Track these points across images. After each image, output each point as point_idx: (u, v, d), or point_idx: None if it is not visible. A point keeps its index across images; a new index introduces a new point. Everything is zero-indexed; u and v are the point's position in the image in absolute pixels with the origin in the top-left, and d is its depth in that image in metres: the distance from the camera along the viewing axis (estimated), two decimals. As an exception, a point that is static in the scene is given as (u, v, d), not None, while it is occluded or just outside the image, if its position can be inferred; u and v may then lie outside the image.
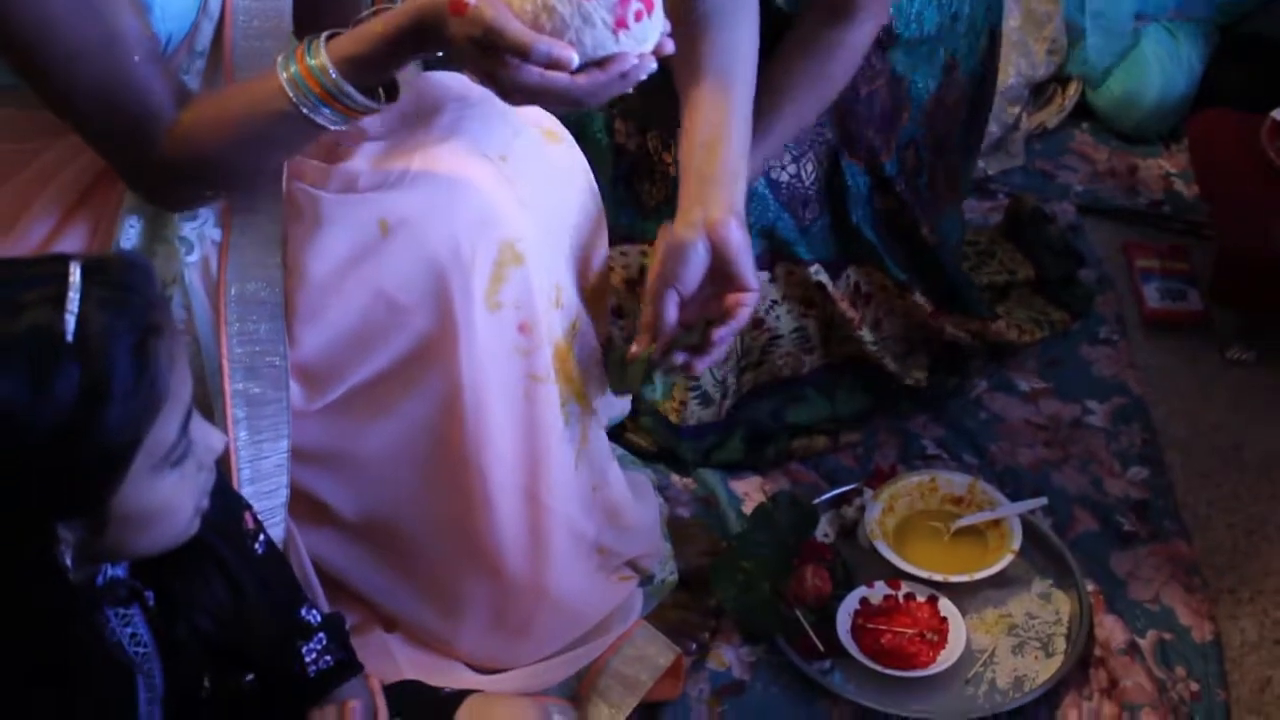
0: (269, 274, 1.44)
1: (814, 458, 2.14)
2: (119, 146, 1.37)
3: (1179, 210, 2.69)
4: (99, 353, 1.05)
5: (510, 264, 1.45)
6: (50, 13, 1.28)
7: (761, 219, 1.95)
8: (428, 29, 1.28)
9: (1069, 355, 2.33)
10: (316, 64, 1.31)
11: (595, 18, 1.26)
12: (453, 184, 1.45)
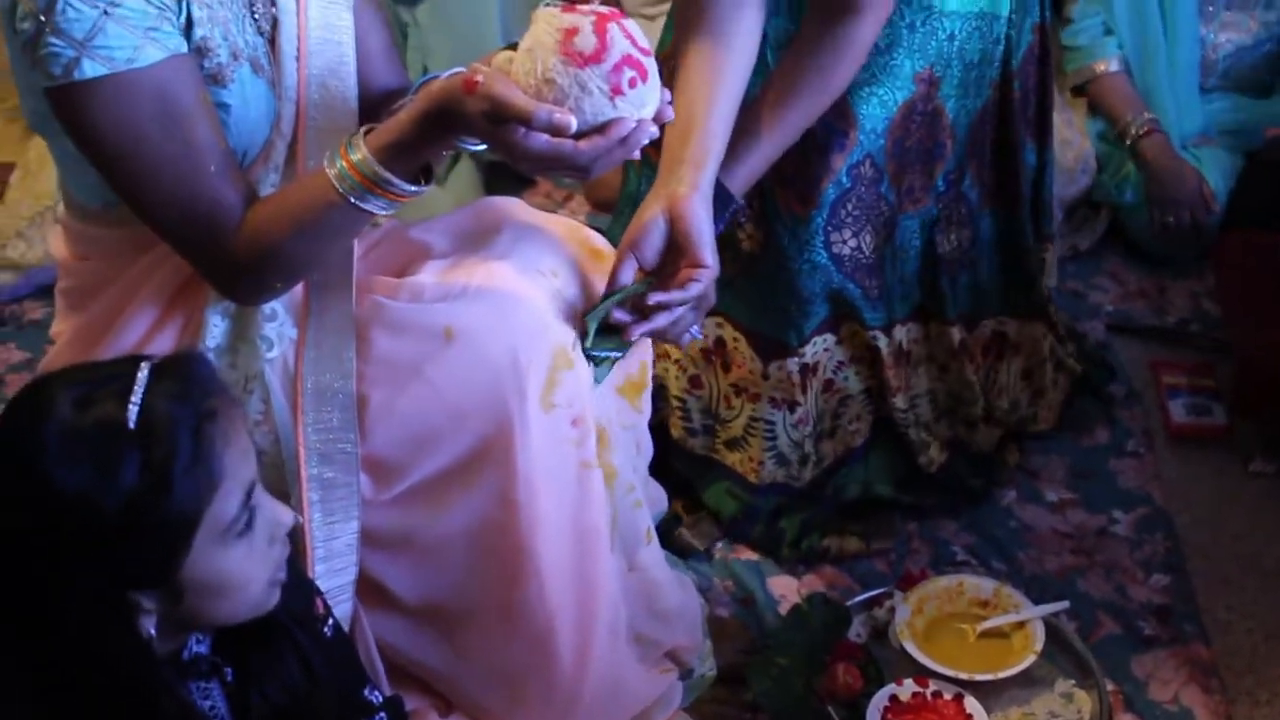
0: (342, 367, 1.58)
1: (848, 561, 2.23)
2: (196, 247, 1.52)
3: (1206, 328, 2.78)
4: (159, 439, 1.19)
5: (563, 368, 1.58)
6: (137, 129, 1.44)
7: (827, 285, 2.07)
8: (447, 109, 1.42)
9: (1097, 467, 2.42)
10: (358, 157, 1.46)
11: (591, 86, 1.39)
12: (510, 297, 1.59)
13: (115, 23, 1.40)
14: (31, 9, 1.39)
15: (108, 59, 1.41)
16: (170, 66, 1.45)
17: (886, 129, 2.03)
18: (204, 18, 1.50)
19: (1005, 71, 2.12)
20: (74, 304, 1.69)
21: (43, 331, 2.76)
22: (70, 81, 1.41)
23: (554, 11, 1.42)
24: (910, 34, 2.00)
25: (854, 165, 2.03)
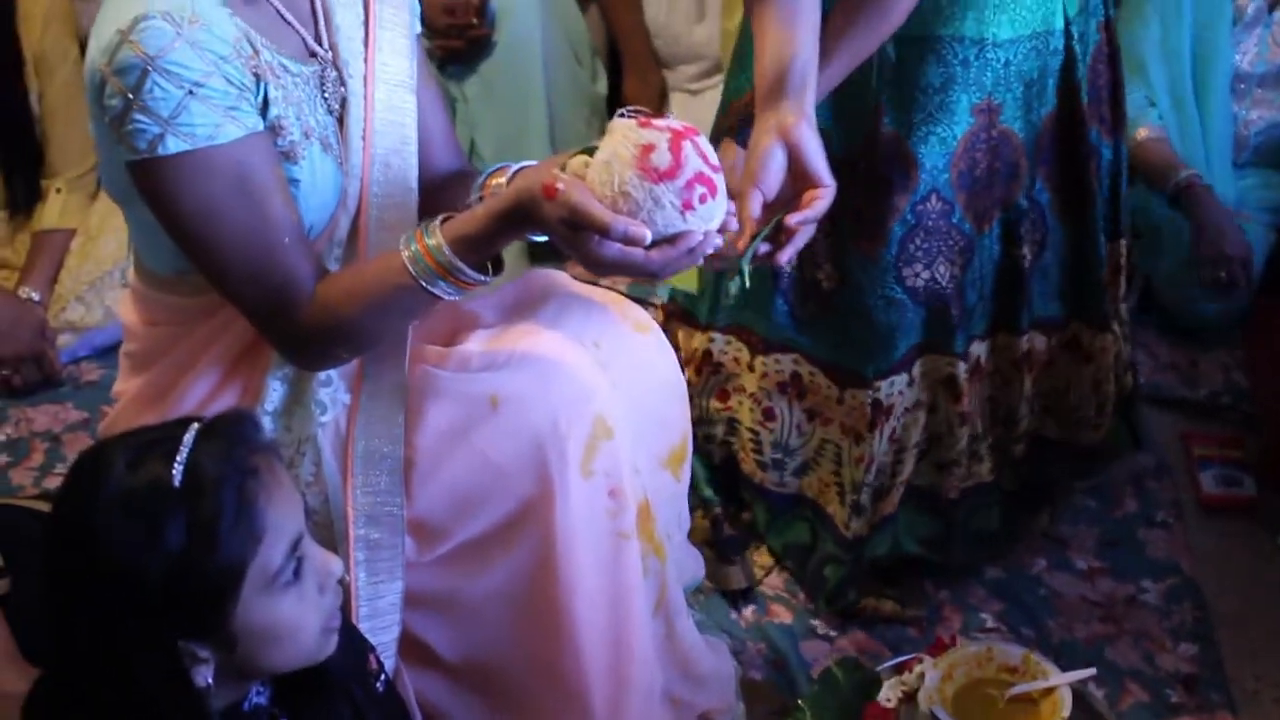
0: (392, 433, 1.65)
1: (882, 623, 2.27)
2: (267, 315, 1.60)
3: (1237, 401, 2.81)
4: (203, 497, 1.26)
5: (602, 437, 1.64)
6: (216, 202, 1.52)
7: (903, 317, 2.11)
8: (525, 210, 1.49)
9: (1126, 537, 2.45)
10: (433, 243, 1.53)
11: (665, 201, 1.45)
12: (554, 366, 1.66)
13: (199, 102, 1.48)
14: (120, 87, 1.47)
15: (190, 135, 1.49)
16: (248, 143, 1.53)
17: (949, 163, 2.06)
18: (279, 98, 1.58)
19: (1068, 78, 2.11)
20: (138, 366, 1.77)
21: (100, 392, 2.87)
22: (154, 156, 1.49)
23: (632, 125, 1.48)
24: (965, 70, 2.02)
25: (918, 202, 2.06)
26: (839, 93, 2.04)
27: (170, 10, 1.47)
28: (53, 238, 3.02)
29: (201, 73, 1.48)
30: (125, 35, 1.46)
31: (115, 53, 1.46)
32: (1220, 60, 2.93)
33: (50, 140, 3.05)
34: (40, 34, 3.02)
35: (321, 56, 1.67)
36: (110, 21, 1.49)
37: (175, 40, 1.47)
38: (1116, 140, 2.27)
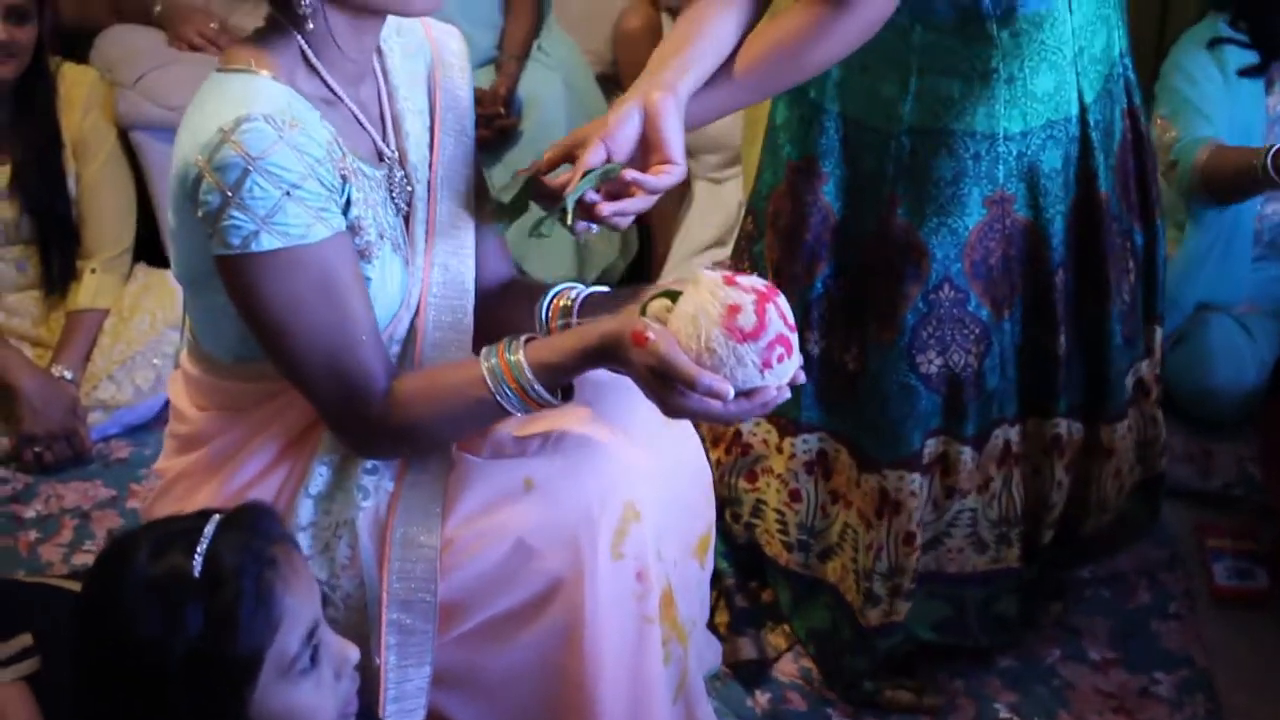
0: (430, 521, 1.70)
1: (896, 715, 2.28)
2: (339, 409, 1.65)
3: (1250, 492, 2.82)
4: (222, 587, 1.32)
5: (631, 520, 1.69)
6: (301, 298, 1.58)
7: (917, 404, 2.12)
8: (612, 351, 1.57)
9: (1139, 628, 2.47)
10: (515, 360, 1.60)
11: (747, 359, 1.53)
12: (586, 452, 1.71)
13: (295, 203, 1.54)
14: (219, 184, 1.52)
15: (284, 234, 1.54)
16: (334, 243, 1.59)
17: (960, 253, 2.07)
18: (360, 200, 1.65)
19: (1085, 165, 2.10)
20: (185, 447, 1.82)
21: (129, 469, 2.93)
22: (246, 252, 1.54)
23: (718, 282, 1.56)
24: (976, 164, 2.03)
25: (930, 291, 2.08)
26: (854, 183, 2.10)
27: (272, 113, 1.54)
28: (86, 317, 3.08)
29: (299, 175, 1.54)
30: (227, 134, 1.52)
31: (216, 150, 1.52)
32: None
33: (86, 222, 3.13)
34: (80, 119, 3.11)
35: (389, 158, 1.73)
36: (209, 118, 1.54)
37: (276, 143, 1.52)
38: (1148, 225, 2.27)
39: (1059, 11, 1.96)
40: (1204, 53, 2.94)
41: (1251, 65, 2.92)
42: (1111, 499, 2.34)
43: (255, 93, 1.56)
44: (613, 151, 1.67)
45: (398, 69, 1.78)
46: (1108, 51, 2.08)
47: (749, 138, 2.84)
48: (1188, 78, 2.94)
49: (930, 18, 1.95)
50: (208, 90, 1.60)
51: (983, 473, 2.20)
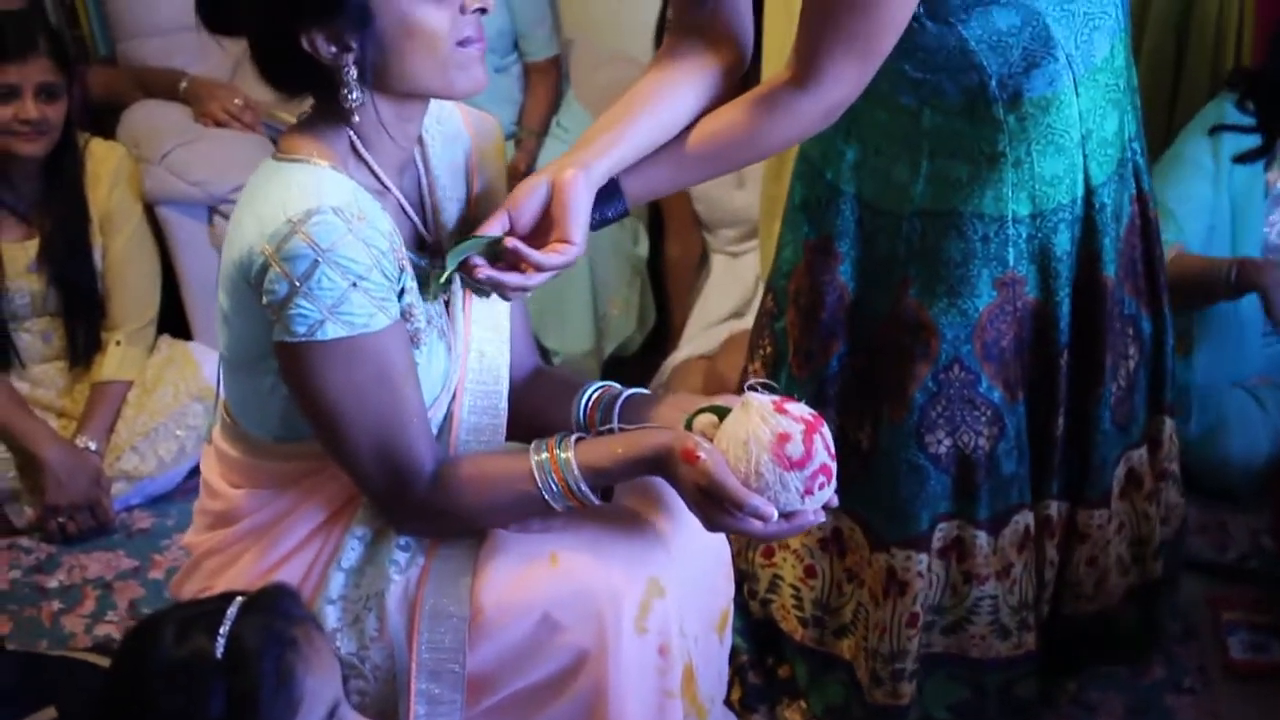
0: (459, 593, 1.73)
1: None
2: (386, 490, 1.69)
3: (1265, 564, 2.83)
4: (244, 668, 1.36)
5: (655, 596, 1.71)
6: (358, 384, 1.62)
7: (925, 483, 2.12)
8: (661, 464, 1.64)
9: (1153, 703, 2.46)
10: (565, 458, 1.65)
11: (791, 486, 1.61)
12: (611, 528, 1.75)
13: (360, 294, 1.58)
14: (287, 274, 1.56)
15: (349, 324, 1.59)
16: (392, 331, 1.63)
17: (970, 334, 2.07)
18: (412, 288, 1.69)
19: (1089, 247, 2.10)
20: (217, 523, 1.85)
21: (151, 540, 2.96)
22: (310, 340, 1.58)
23: (769, 408, 1.64)
24: (985, 246, 2.04)
25: (940, 371, 2.08)
26: (869, 263, 2.12)
27: (340, 206, 1.58)
28: (111, 389, 3.12)
29: (365, 267, 1.58)
30: (297, 226, 1.56)
31: (285, 241, 1.56)
32: (1251, 233, 2.98)
33: (112, 295, 3.18)
34: (107, 194, 3.16)
35: (430, 246, 1.78)
36: (276, 207, 1.58)
37: (345, 235, 1.57)
38: (1156, 312, 2.27)
39: (1065, 95, 1.98)
40: (1204, 140, 2.97)
41: (1251, 149, 2.95)
42: (1087, 587, 2.32)
43: (321, 185, 1.60)
44: (515, 222, 1.70)
45: (438, 157, 1.83)
46: (1119, 135, 2.09)
47: (766, 214, 2.88)
48: (1176, 171, 2.97)
49: (939, 101, 1.98)
50: (268, 179, 1.64)
51: (1002, 558, 2.20)
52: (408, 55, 1.62)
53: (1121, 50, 2.05)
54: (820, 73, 1.76)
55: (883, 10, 1.74)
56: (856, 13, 1.73)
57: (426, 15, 1.62)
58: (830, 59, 1.75)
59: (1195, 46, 3.30)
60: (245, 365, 1.72)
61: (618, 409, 1.82)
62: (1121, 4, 2.02)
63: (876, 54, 1.78)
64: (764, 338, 2.30)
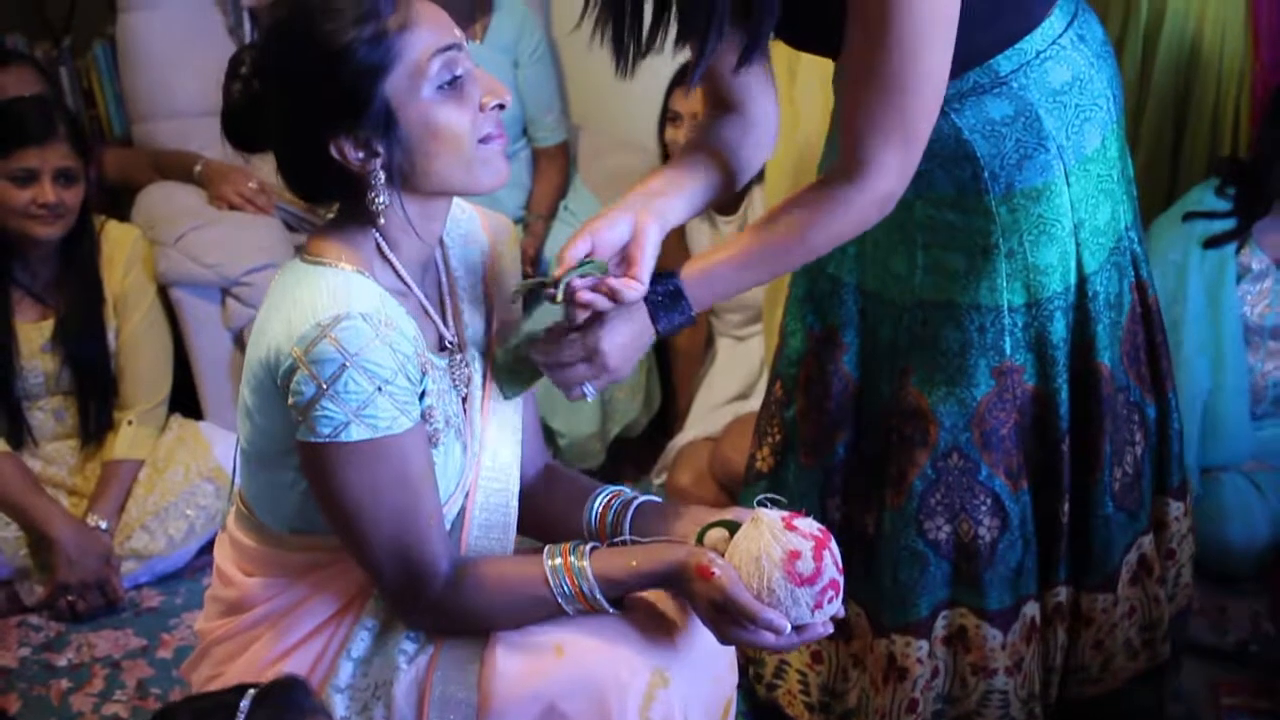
0: (466, 680, 1.75)
1: None
2: (399, 587, 1.72)
3: (1265, 650, 2.83)
4: None
5: (659, 686, 1.73)
6: (378, 484, 1.66)
7: (925, 570, 2.13)
8: (676, 579, 1.69)
9: (1156, 787, 2.48)
10: (579, 565, 1.69)
11: (802, 601, 1.67)
12: (615, 619, 1.76)
13: (385, 398, 1.62)
14: (315, 376, 1.60)
15: (373, 426, 1.62)
16: (413, 433, 1.67)
17: (969, 423, 2.08)
18: (433, 390, 1.73)
19: (1082, 334, 2.11)
20: (229, 611, 1.87)
21: (160, 619, 2.98)
22: (335, 441, 1.62)
23: (778, 524, 1.69)
24: (981, 335, 2.06)
25: (939, 459, 2.10)
26: (872, 353, 2.16)
27: (369, 312, 1.62)
28: (122, 467, 3.15)
29: (391, 371, 1.62)
30: (325, 330, 1.60)
31: (314, 344, 1.60)
32: (1228, 314, 3.02)
33: (124, 374, 3.22)
34: (122, 276, 3.22)
35: (450, 345, 1.82)
36: (305, 310, 1.62)
37: (373, 340, 1.61)
38: (1160, 398, 2.26)
39: (1056, 185, 2.00)
40: (1178, 228, 3.03)
41: (1221, 233, 3.00)
42: (1093, 670, 2.31)
43: (350, 290, 1.64)
44: (597, 249, 1.77)
45: (457, 258, 1.88)
46: (1113, 224, 2.11)
47: (770, 301, 2.92)
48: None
49: (930, 193, 2.01)
50: (296, 281, 1.68)
51: (1013, 653, 2.19)
52: (433, 156, 1.67)
53: (1114, 142, 2.08)
54: (865, 165, 1.80)
55: (915, 97, 1.78)
56: (891, 103, 1.77)
57: (449, 116, 1.67)
58: (873, 150, 1.79)
59: (1193, 132, 3.34)
60: (266, 460, 1.75)
61: (629, 518, 1.86)
62: (1114, 97, 2.05)
63: (917, 141, 1.81)
64: (773, 425, 2.32)
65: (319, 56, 1.61)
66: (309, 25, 1.63)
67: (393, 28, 1.64)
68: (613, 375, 1.81)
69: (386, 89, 1.63)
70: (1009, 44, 1.92)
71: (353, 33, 1.62)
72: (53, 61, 4.11)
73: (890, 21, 1.71)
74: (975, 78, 1.92)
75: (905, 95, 1.77)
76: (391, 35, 1.63)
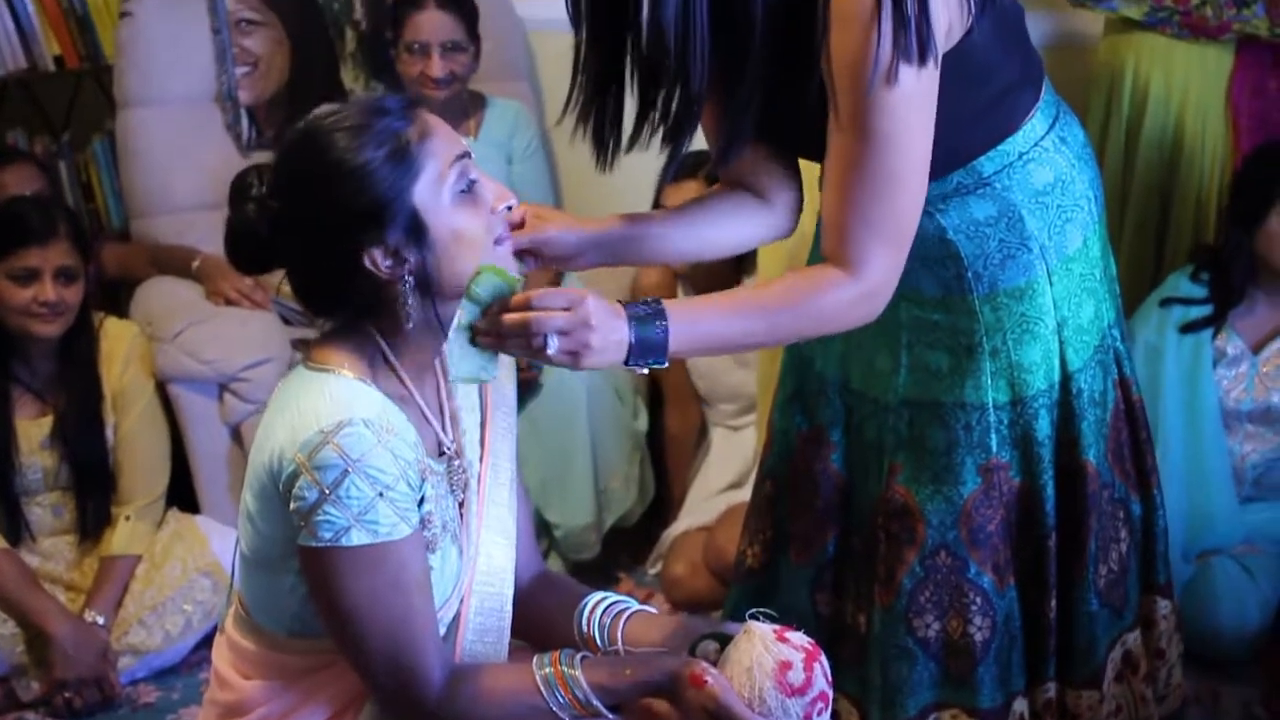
0: None
1: None
2: (394, 694, 1.73)
3: (1259, 740, 2.85)
4: None
5: None
6: (376, 589, 1.66)
7: (913, 667, 2.14)
8: (669, 688, 1.70)
9: None
10: (570, 674, 1.71)
11: (793, 712, 1.69)
12: None
13: (386, 503, 1.64)
14: (317, 482, 1.62)
15: (373, 531, 1.64)
16: (412, 540, 1.69)
17: (957, 520, 2.09)
18: (432, 496, 1.75)
19: (1066, 430, 2.12)
20: (226, 714, 1.87)
21: (156, 715, 3.00)
22: (335, 546, 1.64)
23: (769, 636, 1.72)
24: (968, 434, 2.08)
25: (927, 556, 2.11)
26: (859, 451, 2.18)
27: (371, 418, 1.65)
28: (119, 563, 3.16)
29: (393, 477, 1.65)
30: (328, 436, 1.63)
31: (317, 451, 1.62)
32: (1205, 399, 3.06)
33: (122, 470, 3.24)
34: (120, 372, 3.24)
35: (448, 451, 1.84)
36: (308, 417, 1.65)
37: (375, 446, 1.63)
38: (1146, 495, 2.26)
39: (1039, 284, 2.03)
40: (1155, 312, 3.09)
41: (1197, 319, 3.06)
42: None
43: (353, 397, 1.67)
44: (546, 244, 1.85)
45: None
46: (1096, 322, 2.13)
47: (764, 391, 2.95)
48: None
49: (915, 294, 2.04)
50: (300, 387, 1.71)
51: None
52: (456, 259, 1.71)
53: (1096, 241, 2.11)
54: (858, 262, 1.78)
55: (903, 189, 1.79)
56: (880, 197, 1.77)
57: (468, 220, 1.72)
58: (864, 247, 1.78)
59: (1177, 220, 3.41)
60: (266, 564, 1.77)
61: (624, 625, 1.88)
62: (1095, 197, 2.09)
63: (906, 235, 1.81)
64: (763, 522, 2.33)
65: (348, 173, 1.66)
66: (331, 144, 1.67)
67: (414, 138, 1.69)
68: (587, 337, 1.67)
69: (414, 199, 1.68)
70: (992, 146, 1.96)
71: (379, 148, 1.67)
72: (52, 156, 4.18)
73: (870, 118, 1.73)
74: (959, 179, 1.96)
75: (893, 188, 1.77)
76: (414, 146, 1.69)
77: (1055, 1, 3.51)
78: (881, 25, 1.68)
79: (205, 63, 3.71)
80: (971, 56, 1.83)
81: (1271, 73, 3.33)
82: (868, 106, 1.72)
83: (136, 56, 3.66)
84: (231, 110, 3.74)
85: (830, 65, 1.74)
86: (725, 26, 1.74)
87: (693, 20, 1.70)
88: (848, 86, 1.72)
